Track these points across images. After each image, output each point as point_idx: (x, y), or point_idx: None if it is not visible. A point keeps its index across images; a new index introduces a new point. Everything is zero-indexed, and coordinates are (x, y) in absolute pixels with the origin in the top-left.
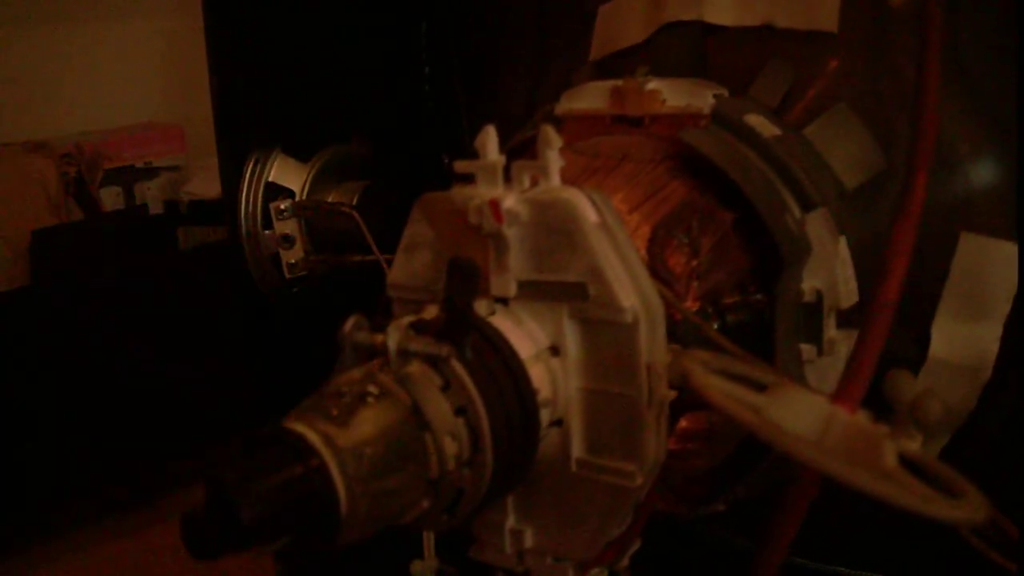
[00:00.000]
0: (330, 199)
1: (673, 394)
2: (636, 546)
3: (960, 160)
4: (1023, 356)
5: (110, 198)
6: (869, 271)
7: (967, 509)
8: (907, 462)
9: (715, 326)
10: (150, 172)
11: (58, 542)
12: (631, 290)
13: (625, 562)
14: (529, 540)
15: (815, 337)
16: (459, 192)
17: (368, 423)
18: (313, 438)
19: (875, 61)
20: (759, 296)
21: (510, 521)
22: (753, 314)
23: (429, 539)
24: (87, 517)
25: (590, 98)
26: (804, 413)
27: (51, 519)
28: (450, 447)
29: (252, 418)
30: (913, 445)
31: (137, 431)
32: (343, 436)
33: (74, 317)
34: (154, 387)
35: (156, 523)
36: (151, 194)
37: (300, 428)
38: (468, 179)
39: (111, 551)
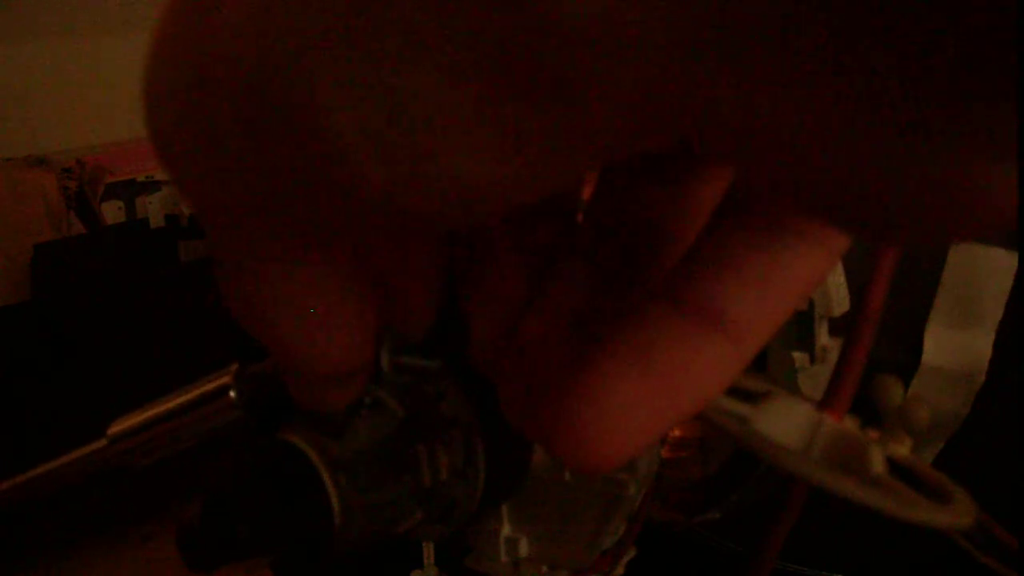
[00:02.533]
0: None
1: None
2: (631, 555)
3: None
4: (1017, 362)
5: (112, 212)
6: (860, 278)
7: (954, 513)
8: (897, 467)
9: None
10: (151, 186)
11: (58, 554)
12: None
13: (620, 570)
14: (524, 549)
15: (807, 345)
16: None
17: (362, 434)
18: (307, 450)
19: None
20: None
21: (505, 530)
22: None
23: (428, 548)
24: (88, 529)
25: None
26: (791, 421)
27: (52, 531)
28: (443, 457)
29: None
30: (902, 450)
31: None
32: (337, 447)
33: (75, 330)
34: (155, 398)
35: (157, 534)
36: (152, 208)
37: (294, 440)
38: None
39: (112, 562)
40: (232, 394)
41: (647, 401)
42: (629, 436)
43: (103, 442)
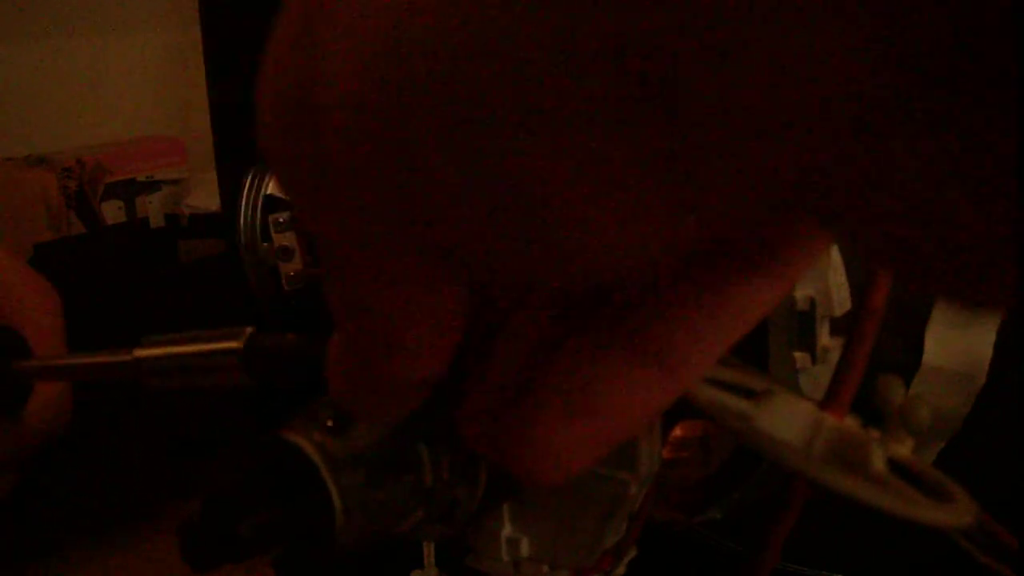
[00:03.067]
0: None
1: None
2: (632, 554)
3: None
4: (1017, 362)
5: (111, 211)
6: (861, 278)
7: (955, 512)
8: (898, 467)
9: None
10: (151, 185)
11: (58, 554)
12: None
13: (621, 570)
14: (525, 549)
15: (809, 345)
16: None
17: (363, 433)
18: (308, 449)
19: None
20: None
21: (506, 530)
22: None
23: (429, 548)
24: (88, 528)
25: None
26: (793, 419)
27: (51, 531)
28: (445, 456)
29: (251, 428)
30: (903, 450)
31: (137, 442)
32: (338, 446)
33: (75, 330)
34: (154, 397)
35: (156, 534)
36: (152, 207)
37: (295, 439)
38: None
39: (111, 563)
40: (238, 359)
41: (584, 439)
42: (564, 464)
43: (128, 357)
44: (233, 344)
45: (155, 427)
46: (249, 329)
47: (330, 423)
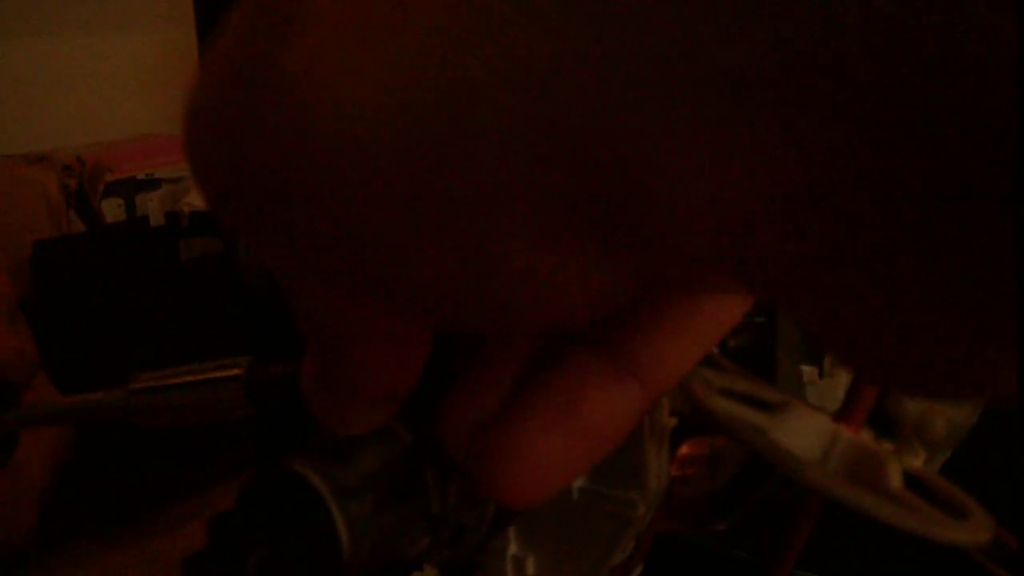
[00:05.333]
0: None
1: (674, 421)
2: (638, 571)
3: None
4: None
5: (111, 210)
6: None
7: (973, 530)
8: (911, 479)
9: (716, 349)
10: (152, 183)
11: (58, 552)
12: None
13: None
14: (531, 568)
15: (817, 359)
16: None
17: (369, 460)
18: (314, 479)
19: None
20: (760, 319)
21: (512, 549)
22: (755, 337)
23: None
24: (88, 529)
25: None
26: (808, 433)
27: (52, 530)
28: (452, 482)
29: (250, 429)
30: (917, 462)
31: (136, 441)
32: (344, 475)
33: (75, 328)
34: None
35: (157, 534)
36: (152, 206)
37: (300, 469)
38: None
39: (111, 563)
40: (240, 388)
41: (564, 456)
42: (547, 483)
43: (121, 394)
44: (234, 372)
45: (154, 428)
46: (247, 358)
47: (335, 450)
